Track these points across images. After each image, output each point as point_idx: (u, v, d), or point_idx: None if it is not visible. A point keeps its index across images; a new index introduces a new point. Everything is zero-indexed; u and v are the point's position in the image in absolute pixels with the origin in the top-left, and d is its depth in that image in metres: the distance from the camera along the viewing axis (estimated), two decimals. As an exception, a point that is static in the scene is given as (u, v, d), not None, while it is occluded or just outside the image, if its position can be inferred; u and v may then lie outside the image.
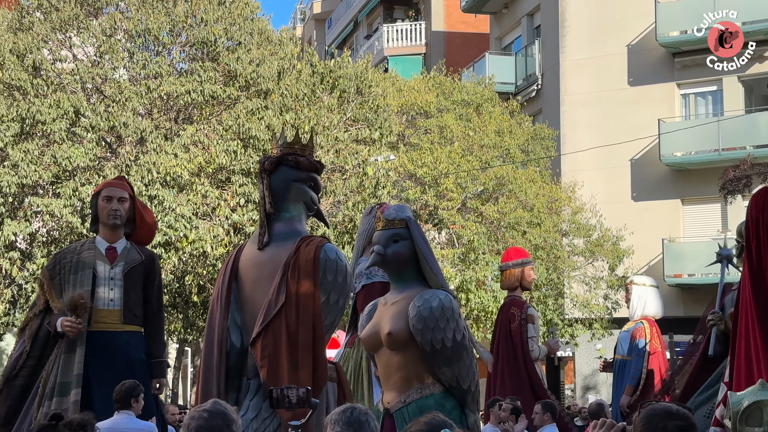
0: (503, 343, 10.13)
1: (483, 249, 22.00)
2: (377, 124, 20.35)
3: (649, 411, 3.45)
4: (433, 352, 5.49)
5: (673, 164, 25.36)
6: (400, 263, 5.68)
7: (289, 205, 5.46)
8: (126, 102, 18.17)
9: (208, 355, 5.30)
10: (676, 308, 25.09)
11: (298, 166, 5.46)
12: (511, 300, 10.40)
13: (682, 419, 3.40)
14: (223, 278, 5.42)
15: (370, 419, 4.33)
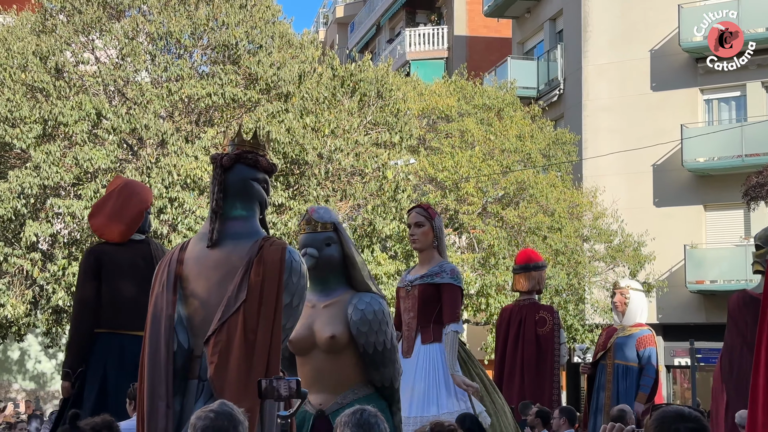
0: (525, 346, 9.98)
1: (503, 254, 21.93)
2: (397, 127, 20.35)
3: (661, 414, 3.43)
4: (374, 354, 5.72)
5: (696, 170, 25.20)
6: (331, 267, 5.83)
7: (243, 204, 5.22)
8: (147, 104, 18.25)
9: (154, 355, 4.97)
10: (697, 315, 24.94)
11: (256, 165, 5.25)
12: (533, 303, 10.26)
13: (694, 421, 3.38)
14: (168, 276, 5.12)
15: (379, 421, 4.31)
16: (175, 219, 17.66)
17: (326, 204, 18.95)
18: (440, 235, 7.66)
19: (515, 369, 9.97)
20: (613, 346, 10.47)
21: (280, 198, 18.30)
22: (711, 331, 23.89)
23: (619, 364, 10.47)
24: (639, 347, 10.48)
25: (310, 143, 18.50)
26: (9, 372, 33.03)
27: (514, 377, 9.95)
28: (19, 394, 32.01)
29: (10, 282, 18.81)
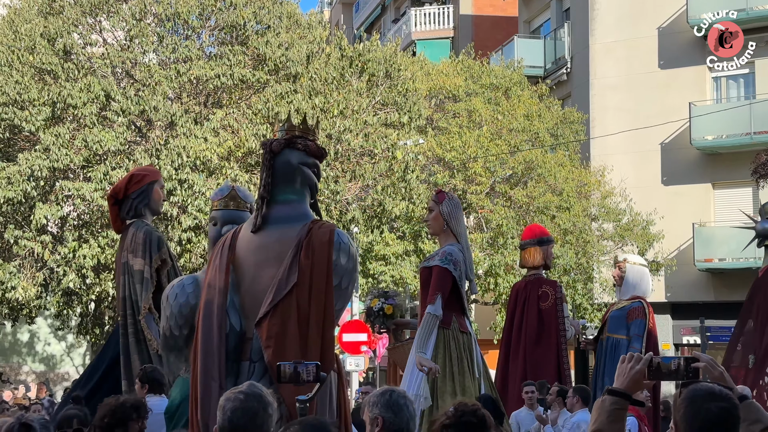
0: (529, 322, 9.91)
1: (512, 233, 21.93)
2: (406, 107, 20.30)
3: (691, 392, 3.41)
4: None
5: (704, 148, 25.12)
6: None
7: (293, 189, 5.26)
8: (156, 86, 18.22)
9: (207, 339, 5.08)
10: (706, 293, 24.93)
11: (306, 150, 5.30)
12: (538, 278, 10.22)
13: (725, 400, 3.36)
14: (220, 261, 5.23)
15: (408, 402, 4.33)
16: (184, 201, 17.66)
17: (335, 185, 18.95)
18: (449, 219, 7.63)
19: (519, 346, 9.92)
20: (607, 320, 10.46)
21: (289, 179, 18.27)
22: (719, 310, 23.89)
23: (609, 337, 10.43)
24: (628, 319, 10.43)
25: (319, 124, 18.46)
26: (19, 354, 33.16)
27: (518, 354, 9.90)
28: (29, 376, 32.14)
29: (20, 265, 18.85)
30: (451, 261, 7.43)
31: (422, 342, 7.21)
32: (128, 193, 7.72)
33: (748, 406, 3.58)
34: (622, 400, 3.49)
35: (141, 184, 7.73)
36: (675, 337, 25.25)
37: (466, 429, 3.56)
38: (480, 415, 3.58)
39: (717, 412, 3.32)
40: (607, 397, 3.51)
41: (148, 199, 7.74)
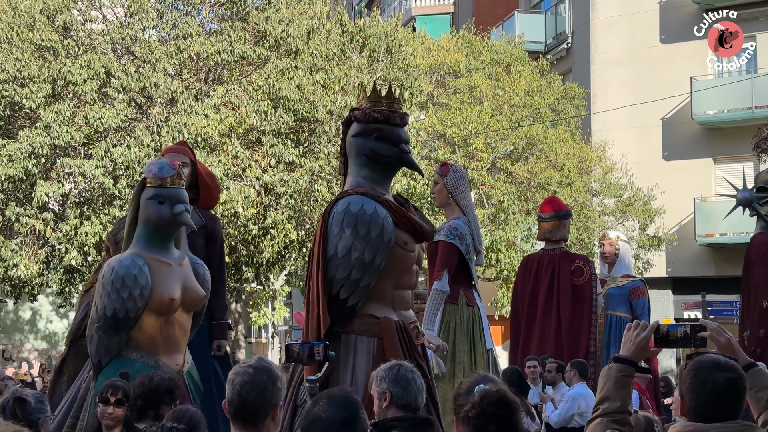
0: (561, 297, 9.72)
1: (513, 209, 21.94)
2: (407, 83, 20.25)
3: (698, 363, 3.43)
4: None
5: (706, 123, 25.08)
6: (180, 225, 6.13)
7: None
8: (156, 62, 18.17)
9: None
10: (707, 268, 24.97)
11: (357, 120, 5.52)
12: (566, 252, 10.12)
13: (731, 370, 3.39)
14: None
15: (416, 377, 4.35)
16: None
17: (337, 161, 18.93)
18: (454, 192, 7.65)
19: (550, 320, 9.76)
20: (605, 296, 10.43)
21: (290, 156, 18.26)
22: (721, 284, 23.93)
23: (612, 314, 10.44)
24: (632, 298, 10.47)
25: (320, 100, 18.44)
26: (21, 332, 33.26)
27: (550, 329, 9.76)
28: (31, 353, 32.24)
29: (22, 242, 18.87)
30: (456, 236, 7.46)
31: (430, 319, 7.24)
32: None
33: (755, 374, 3.60)
34: (628, 367, 3.51)
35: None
36: (676, 312, 25.30)
37: (492, 420, 3.44)
38: (506, 402, 3.47)
39: (723, 382, 3.35)
40: (614, 365, 3.53)
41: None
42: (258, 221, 18.82)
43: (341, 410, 3.46)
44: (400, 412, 4.22)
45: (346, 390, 3.83)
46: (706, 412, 3.36)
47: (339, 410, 3.46)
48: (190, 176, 7.11)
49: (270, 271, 21.63)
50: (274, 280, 22.98)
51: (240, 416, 3.70)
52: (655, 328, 3.56)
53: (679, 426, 3.47)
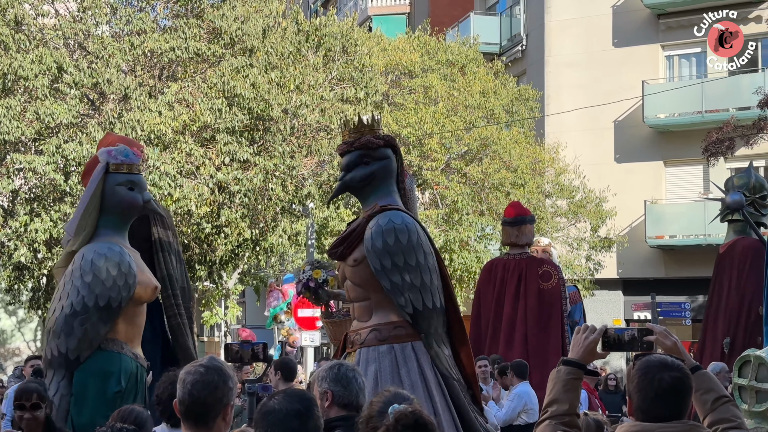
0: (528, 300, 9.76)
1: (466, 210, 22.04)
2: (362, 83, 20.26)
3: (645, 363, 3.49)
4: None
5: (657, 126, 25.41)
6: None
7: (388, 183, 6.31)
8: (109, 58, 17.98)
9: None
10: (657, 270, 25.30)
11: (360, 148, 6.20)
12: (532, 257, 10.15)
13: (678, 370, 3.45)
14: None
15: (357, 375, 4.37)
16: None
17: (291, 160, 18.89)
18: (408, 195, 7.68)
19: (515, 323, 9.77)
20: None
21: (245, 154, 18.19)
22: (670, 286, 24.27)
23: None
24: (572, 303, 10.58)
25: (275, 99, 18.38)
26: (-32, 329, 32.73)
27: (514, 332, 9.76)
28: (-21, 351, 31.78)
29: (-30, 239, 18.59)
30: None
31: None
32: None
33: (701, 376, 3.67)
34: (576, 369, 3.55)
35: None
36: (626, 313, 25.61)
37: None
38: (422, 424, 3.33)
39: (670, 381, 3.41)
40: (563, 368, 3.57)
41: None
42: (211, 219, 18.72)
43: (295, 403, 3.47)
44: (342, 411, 4.23)
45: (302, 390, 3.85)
46: (652, 411, 3.41)
47: (293, 403, 3.47)
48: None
49: (223, 270, 21.52)
50: (227, 278, 22.87)
51: (191, 415, 3.68)
52: (603, 332, 3.61)
53: (626, 426, 3.51)
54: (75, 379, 5.68)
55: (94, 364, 5.69)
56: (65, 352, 5.73)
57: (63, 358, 5.75)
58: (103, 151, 6.07)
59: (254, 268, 25.77)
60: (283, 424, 3.40)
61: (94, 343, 5.73)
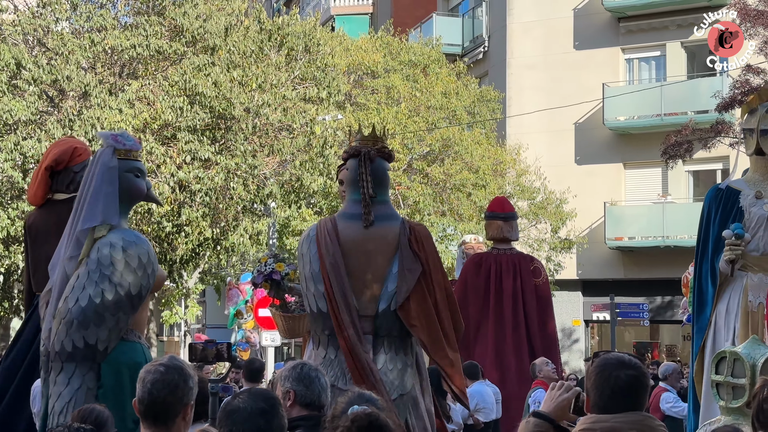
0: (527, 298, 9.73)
1: (428, 210, 22.11)
2: (325, 83, 20.26)
3: (602, 361, 3.58)
4: None
5: (617, 128, 25.64)
6: None
7: (385, 191, 6.28)
8: (69, 55, 17.82)
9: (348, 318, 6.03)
10: (616, 271, 25.53)
11: (389, 158, 6.30)
12: (521, 253, 10.16)
13: (634, 368, 3.53)
14: (334, 252, 6.13)
15: (320, 375, 4.37)
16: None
17: (253, 159, 18.84)
18: None
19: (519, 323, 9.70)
20: None
21: (206, 153, 18.11)
22: (629, 287, 24.51)
23: None
24: None
25: (237, 97, 18.32)
26: None
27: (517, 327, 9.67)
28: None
29: (-74, 236, 18.31)
30: None
31: None
32: (71, 165, 7.39)
33: None
34: (546, 423, 3.62)
35: (84, 157, 7.38)
36: (585, 314, 25.83)
37: None
38: (377, 426, 3.32)
39: (626, 379, 3.49)
40: (532, 419, 3.65)
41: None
42: (172, 218, 18.62)
43: (260, 402, 3.47)
44: (304, 411, 4.23)
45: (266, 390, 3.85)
46: (609, 408, 3.49)
47: (258, 402, 3.47)
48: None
49: (183, 269, 21.40)
50: (187, 278, 22.75)
51: (150, 415, 3.67)
52: (577, 395, 3.68)
53: (584, 419, 3.60)
54: (104, 372, 5.55)
55: (122, 356, 5.54)
56: (94, 344, 5.53)
57: (91, 350, 5.54)
58: (108, 136, 5.95)
59: (215, 268, 25.65)
60: (247, 422, 3.40)
61: (120, 333, 5.60)
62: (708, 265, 6.79)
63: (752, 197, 6.78)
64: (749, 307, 6.62)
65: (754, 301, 6.63)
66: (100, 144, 5.87)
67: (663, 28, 25.45)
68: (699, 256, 6.90)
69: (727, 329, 6.66)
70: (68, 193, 7.40)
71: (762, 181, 6.87)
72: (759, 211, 6.70)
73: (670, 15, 25.19)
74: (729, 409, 4.50)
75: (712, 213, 6.85)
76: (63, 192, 7.37)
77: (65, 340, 5.51)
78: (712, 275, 6.75)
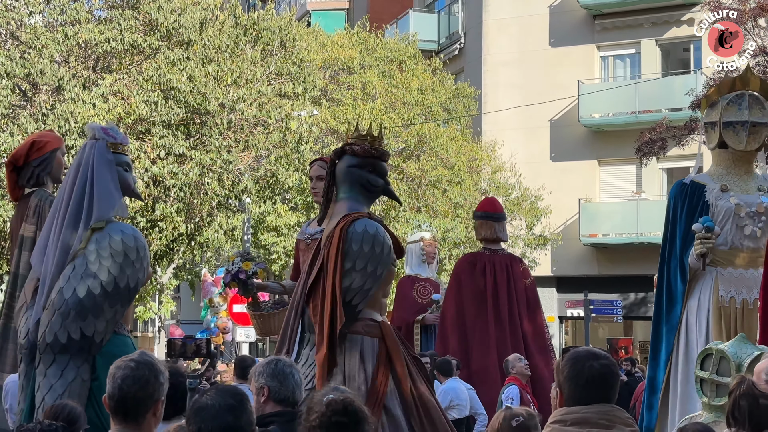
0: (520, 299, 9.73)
1: (404, 206, 22.12)
2: (300, 78, 20.22)
3: (574, 353, 3.67)
4: None
5: (591, 125, 25.76)
6: None
7: (344, 188, 6.17)
8: (42, 49, 17.68)
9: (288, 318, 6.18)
10: (590, 267, 25.67)
11: (353, 153, 6.13)
12: (511, 254, 10.13)
13: (606, 359, 3.63)
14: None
15: (294, 371, 4.37)
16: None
17: (228, 155, 18.77)
18: None
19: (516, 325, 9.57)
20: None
21: (181, 148, 18.03)
22: (603, 283, 24.64)
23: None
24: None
25: (212, 92, 18.25)
26: None
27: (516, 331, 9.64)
28: None
29: None
30: None
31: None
32: (29, 160, 7.33)
33: None
34: None
35: (43, 151, 7.31)
36: (560, 310, 25.94)
37: (337, 428, 3.36)
38: (352, 411, 3.38)
39: (599, 368, 3.57)
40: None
41: (50, 167, 7.32)
42: (146, 213, 18.53)
43: (228, 398, 3.46)
44: (278, 406, 4.23)
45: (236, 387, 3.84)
46: (583, 399, 3.57)
47: (226, 398, 3.46)
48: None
49: (158, 265, 21.31)
50: (161, 273, 22.65)
51: (120, 411, 3.65)
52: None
53: (555, 413, 3.68)
54: (99, 364, 5.49)
55: (115, 348, 5.45)
56: (91, 335, 5.47)
57: (87, 341, 5.48)
58: (98, 128, 5.90)
59: (189, 263, 25.57)
60: (216, 419, 3.39)
61: (116, 325, 5.58)
62: (676, 261, 6.80)
63: (717, 191, 6.80)
64: (720, 302, 6.64)
65: (726, 295, 6.65)
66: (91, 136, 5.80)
67: (638, 26, 25.59)
68: (666, 252, 6.91)
69: (698, 326, 6.67)
70: (30, 187, 7.36)
71: (726, 174, 6.89)
72: (726, 204, 6.72)
73: (645, 13, 25.33)
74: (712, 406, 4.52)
75: (678, 208, 6.86)
76: (27, 186, 7.34)
77: (59, 331, 5.43)
78: (681, 272, 6.75)
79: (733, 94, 6.84)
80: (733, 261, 6.70)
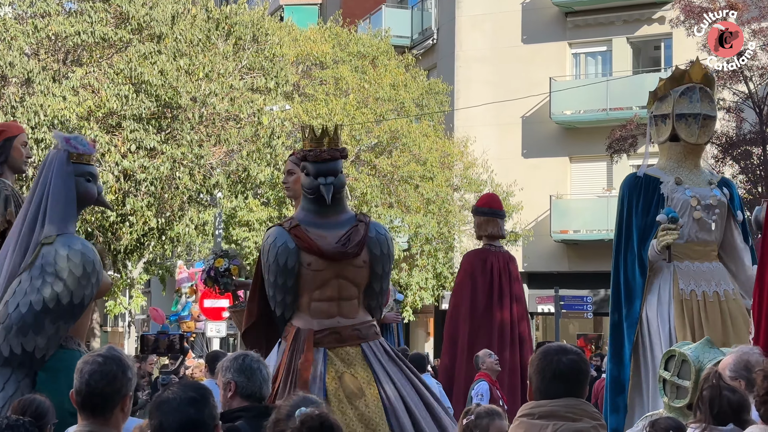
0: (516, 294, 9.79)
1: (376, 202, 22.15)
2: (273, 73, 20.17)
3: (545, 348, 3.74)
4: None
5: (563, 122, 25.88)
6: None
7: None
8: (11, 41, 17.53)
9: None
10: (561, 263, 25.79)
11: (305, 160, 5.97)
12: (507, 252, 10.15)
13: (575, 354, 3.69)
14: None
15: (261, 366, 4.37)
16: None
17: (200, 149, 18.70)
18: None
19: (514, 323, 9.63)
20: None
21: (152, 142, 17.94)
22: (574, 279, 24.77)
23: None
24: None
25: (184, 86, 18.16)
26: None
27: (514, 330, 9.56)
28: None
29: None
30: None
31: None
32: None
33: None
34: None
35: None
36: (531, 306, 25.97)
37: None
38: (328, 426, 3.31)
39: (568, 363, 3.63)
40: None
41: (6, 156, 7.24)
42: (116, 207, 18.42)
43: (190, 392, 3.44)
44: (245, 402, 4.22)
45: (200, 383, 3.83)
46: (551, 391, 3.62)
47: (187, 391, 3.43)
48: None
49: (128, 259, 21.19)
50: (132, 267, 22.53)
51: (87, 406, 3.63)
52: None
53: (523, 406, 3.73)
54: (41, 379, 5.45)
55: (60, 363, 5.41)
56: (32, 351, 5.41)
57: (28, 356, 5.41)
58: (61, 138, 5.85)
59: (160, 258, 25.44)
60: (177, 412, 3.36)
61: (59, 341, 5.49)
62: (634, 255, 6.79)
63: (672, 184, 6.82)
64: (681, 296, 6.66)
65: (686, 289, 6.67)
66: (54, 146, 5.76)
67: (609, 23, 25.73)
68: (622, 247, 6.88)
69: (660, 320, 6.67)
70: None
71: (678, 167, 6.91)
72: (682, 197, 6.74)
73: (617, 11, 25.47)
74: (671, 407, 4.58)
75: (633, 202, 6.85)
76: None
77: (2, 344, 5.38)
78: (640, 266, 6.75)
79: (684, 87, 6.87)
80: (689, 254, 6.72)
